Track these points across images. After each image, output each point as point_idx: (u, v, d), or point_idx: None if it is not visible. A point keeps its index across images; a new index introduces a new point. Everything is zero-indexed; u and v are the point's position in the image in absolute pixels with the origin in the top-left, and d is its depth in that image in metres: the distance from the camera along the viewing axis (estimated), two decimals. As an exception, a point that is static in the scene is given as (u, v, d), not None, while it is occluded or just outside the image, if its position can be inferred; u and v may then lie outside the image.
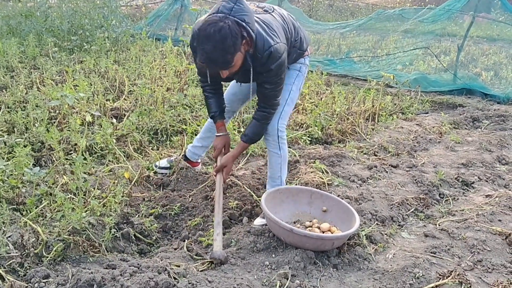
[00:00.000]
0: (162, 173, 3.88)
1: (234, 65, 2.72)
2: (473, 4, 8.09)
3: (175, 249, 2.96)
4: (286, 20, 3.10)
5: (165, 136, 4.63)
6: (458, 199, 3.86)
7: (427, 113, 6.70)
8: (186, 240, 3.03)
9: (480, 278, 2.70)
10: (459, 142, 5.27)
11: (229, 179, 3.74)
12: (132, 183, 3.57)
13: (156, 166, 3.91)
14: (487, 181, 4.21)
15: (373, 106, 5.94)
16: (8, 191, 3.01)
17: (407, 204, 3.63)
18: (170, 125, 4.71)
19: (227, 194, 3.61)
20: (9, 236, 2.53)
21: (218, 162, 3.35)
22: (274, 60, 2.80)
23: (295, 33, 3.15)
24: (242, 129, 4.69)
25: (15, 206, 2.94)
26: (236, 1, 2.70)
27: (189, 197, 3.54)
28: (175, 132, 4.72)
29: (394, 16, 9.31)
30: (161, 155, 4.17)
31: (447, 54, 10.69)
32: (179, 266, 2.59)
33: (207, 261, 2.74)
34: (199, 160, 3.97)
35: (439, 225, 3.35)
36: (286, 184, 3.68)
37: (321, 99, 6.04)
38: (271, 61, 2.80)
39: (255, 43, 2.76)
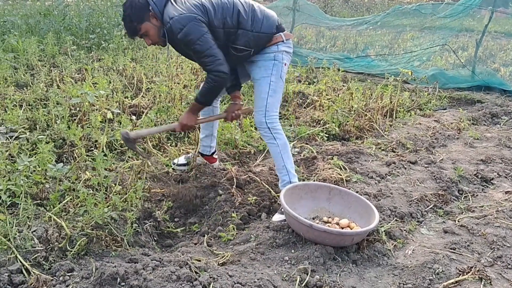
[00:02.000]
0: (180, 170, 3.91)
1: (148, 34, 3.15)
2: (491, -1, 8.00)
3: (195, 244, 3.00)
4: (219, 1, 3.18)
5: (183, 132, 4.66)
6: (477, 195, 3.84)
7: (445, 109, 6.65)
8: (206, 235, 3.07)
9: (500, 274, 2.69)
10: (478, 138, 5.23)
11: (246, 175, 3.77)
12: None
13: (174, 163, 3.95)
14: (506, 178, 4.18)
15: (391, 102, 5.92)
16: (32, 187, 3.07)
17: (426, 200, 3.62)
18: (188, 122, 4.73)
19: (246, 190, 3.63)
20: (34, 231, 2.59)
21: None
22: (176, 31, 3.03)
23: (238, 15, 3.18)
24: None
25: (39, 201, 3.00)
26: None
27: (207, 192, 3.57)
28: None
29: (411, 11, 9.22)
30: (180, 151, 4.21)
31: (465, 49, 10.59)
32: (199, 261, 2.63)
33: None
34: (215, 156, 3.99)
35: (458, 221, 3.33)
36: (304, 180, 3.70)
37: (338, 95, 6.03)
38: (174, 32, 3.04)
39: (162, 17, 3.10)
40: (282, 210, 3.21)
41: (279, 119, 5.31)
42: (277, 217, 3.21)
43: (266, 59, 3.33)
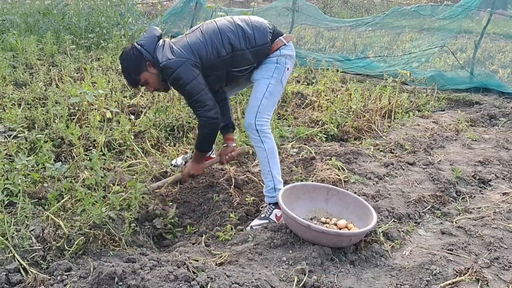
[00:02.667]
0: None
1: (148, 82, 3.23)
2: (490, 1, 8.01)
3: (193, 244, 3.00)
4: (205, 35, 3.18)
5: (181, 132, 4.67)
6: (475, 196, 3.84)
7: (443, 110, 6.66)
8: (203, 235, 3.07)
9: (497, 275, 2.70)
10: (476, 140, 5.24)
11: (245, 176, 3.78)
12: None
13: (171, 164, 3.95)
14: (504, 179, 4.19)
15: (389, 103, 5.92)
16: (30, 186, 3.07)
17: (424, 201, 3.62)
18: (186, 122, 4.75)
19: (244, 191, 3.64)
20: (32, 230, 2.59)
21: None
22: (167, 75, 3.11)
23: (228, 41, 3.15)
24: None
25: (37, 201, 3.00)
26: (146, 31, 3.29)
27: (205, 193, 3.57)
28: (191, 128, 4.76)
29: (410, 13, 9.23)
30: (178, 151, 4.22)
31: (463, 51, 10.60)
32: (197, 261, 2.63)
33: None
34: (213, 155, 4.00)
35: (455, 222, 3.34)
36: (302, 180, 3.70)
37: (336, 96, 6.04)
38: (165, 75, 3.14)
39: (155, 62, 3.14)
40: (263, 215, 3.23)
41: (278, 119, 5.34)
42: (256, 222, 3.19)
43: (269, 62, 3.30)
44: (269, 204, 3.28)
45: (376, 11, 17.17)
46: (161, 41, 3.21)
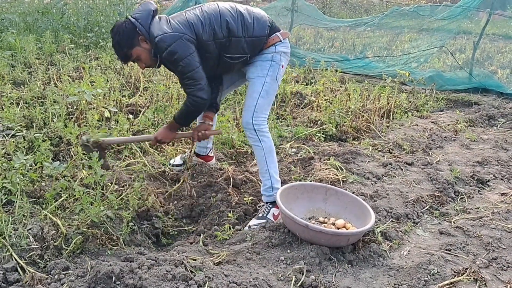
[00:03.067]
0: (177, 170, 3.91)
1: (140, 58, 3.12)
2: (489, 2, 8.02)
3: (191, 243, 3.00)
4: (204, 14, 3.12)
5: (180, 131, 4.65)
6: (473, 197, 3.85)
7: (442, 111, 6.66)
8: (201, 235, 3.07)
9: (495, 275, 2.70)
10: (474, 140, 5.24)
11: (243, 175, 3.78)
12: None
13: (170, 164, 3.95)
14: (502, 179, 4.19)
15: (388, 103, 5.92)
16: (28, 185, 3.06)
17: (422, 201, 3.63)
18: (185, 121, 4.73)
19: (242, 190, 3.64)
20: (30, 229, 2.58)
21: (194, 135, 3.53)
22: (161, 49, 3.00)
23: (226, 24, 3.11)
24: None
25: (35, 200, 3.00)
26: (141, 4, 3.13)
27: (204, 192, 3.57)
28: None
29: (409, 13, 9.23)
30: (177, 150, 4.21)
31: (462, 51, 10.61)
32: (195, 260, 2.63)
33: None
34: (211, 154, 3.99)
35: (454, 222, 3.34)
36: (301, 180, 3.70)
37: (335, 96, 6.04)
38: (160, 50, 3.02)
39: (149, 37, 3.04)
40: (260, 215, 3.22)
41: (277, 119, 5.34)
42: (254, 222, 3.19)
43: (264, 59, 3.28)
44: (266, 203, 3.28)
45: (375, 11, 17.17)
46: (157, 16, 3.12)
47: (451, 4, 9.10)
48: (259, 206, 3.40)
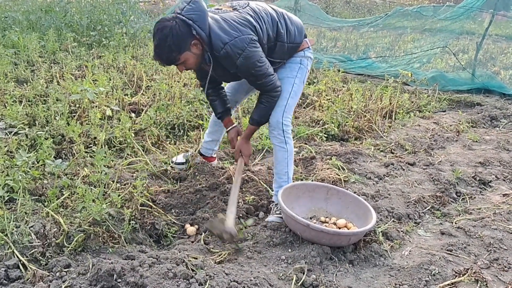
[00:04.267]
0: (179, 168, 3.92)
1: (186, 63, 2.84)
2: (493, 2, 8.00)
3: (192, 242, 3.00)
4: (260, 14, 3.01)
5: (182, 131, 4.67)
6: (475, 197, 3.84)
7: (444, 111, 6.66)
8: (203, 233, 3.07)
9: (496, 276, 2.70)
10: (476, 141, 5.23)
11: (245, 174, 3.77)
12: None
13: (172, 162, 3.95)
14: (504, 180, 4.19)
15: (390, 103, 5.92)
16: (30, 182, 3.07)
17: (424, 201, 3.62)
18: (187, 120, 4.75)
19: (244, 189, 3.64)
20: (32, 226, 2.59)
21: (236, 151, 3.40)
22: (235, 56, 2.80)
23: (277, 27, 3.05)
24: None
25: (37, 197, 3.01)
26: (190, 1, 2.78)
27: (205, 191, 3.57)
28: (192, 127, 4.76)
29: (412, 13, 9.23)
30: (179, 149, 4.22)
31: (465, 52, 10.59)
32: (196, 258, 2.63)
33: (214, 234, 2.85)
34: (214, 155, 4.00)
35: (455, 223, 3.34)
36: (302, 180, 3.70)
37: (337, 96, 6.04)
38: (233, 57, 2.81)
39: (210, 41, 2.80)
40: (278, 212, 3.21)
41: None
42: (273, 218, 3.19)
43: (293, 62, 3.27)
44: None
45: (378, 11, 17.17)
46: (208, 17, 2.85)
47: (454, 4, 9.08)
48: (273, 205, 3.35)
